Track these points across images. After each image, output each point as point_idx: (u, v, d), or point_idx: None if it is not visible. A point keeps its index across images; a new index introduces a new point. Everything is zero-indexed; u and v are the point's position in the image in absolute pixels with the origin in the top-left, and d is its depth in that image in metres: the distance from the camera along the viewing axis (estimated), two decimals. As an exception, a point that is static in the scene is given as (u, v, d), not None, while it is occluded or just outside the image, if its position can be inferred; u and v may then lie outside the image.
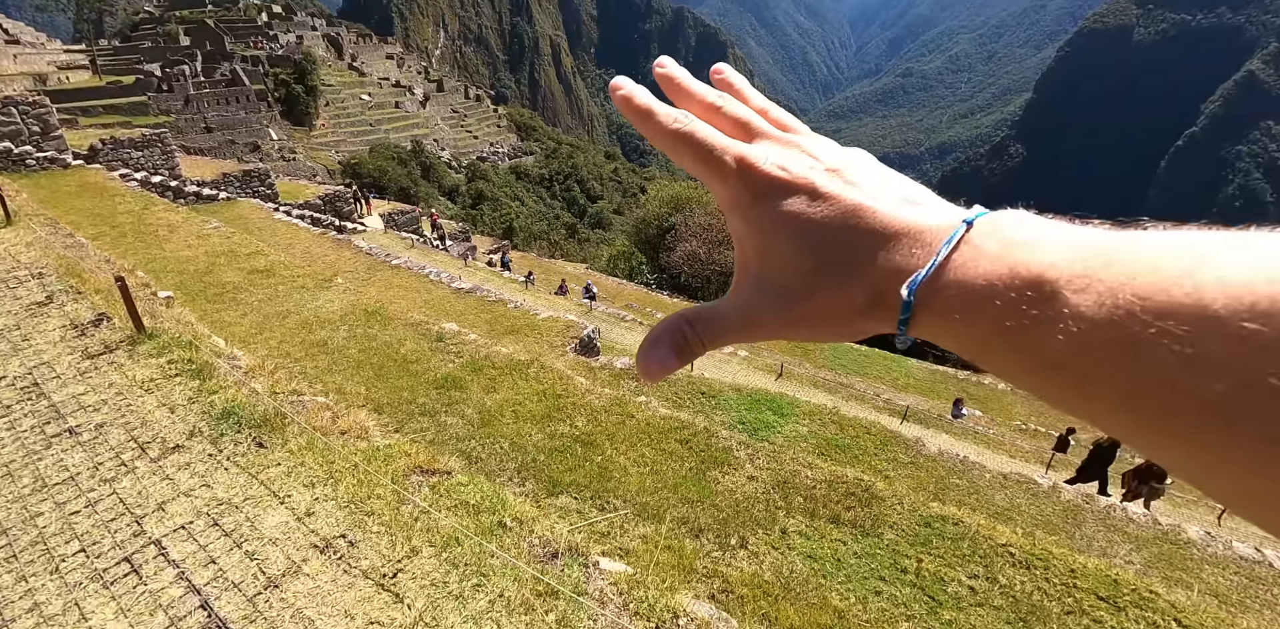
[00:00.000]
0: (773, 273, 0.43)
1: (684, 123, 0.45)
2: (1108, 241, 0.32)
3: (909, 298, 0.37)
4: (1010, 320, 0.33)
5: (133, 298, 3.87)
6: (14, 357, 3.88)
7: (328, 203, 26.15)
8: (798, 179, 0.42)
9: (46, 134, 18.17)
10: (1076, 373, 0.31)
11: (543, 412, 7.48)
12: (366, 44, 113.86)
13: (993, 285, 0.34)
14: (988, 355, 0.36)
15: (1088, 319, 0.30)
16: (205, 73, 69.85)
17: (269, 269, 11.63)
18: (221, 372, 3.65)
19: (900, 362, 27.80)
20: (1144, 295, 0.28)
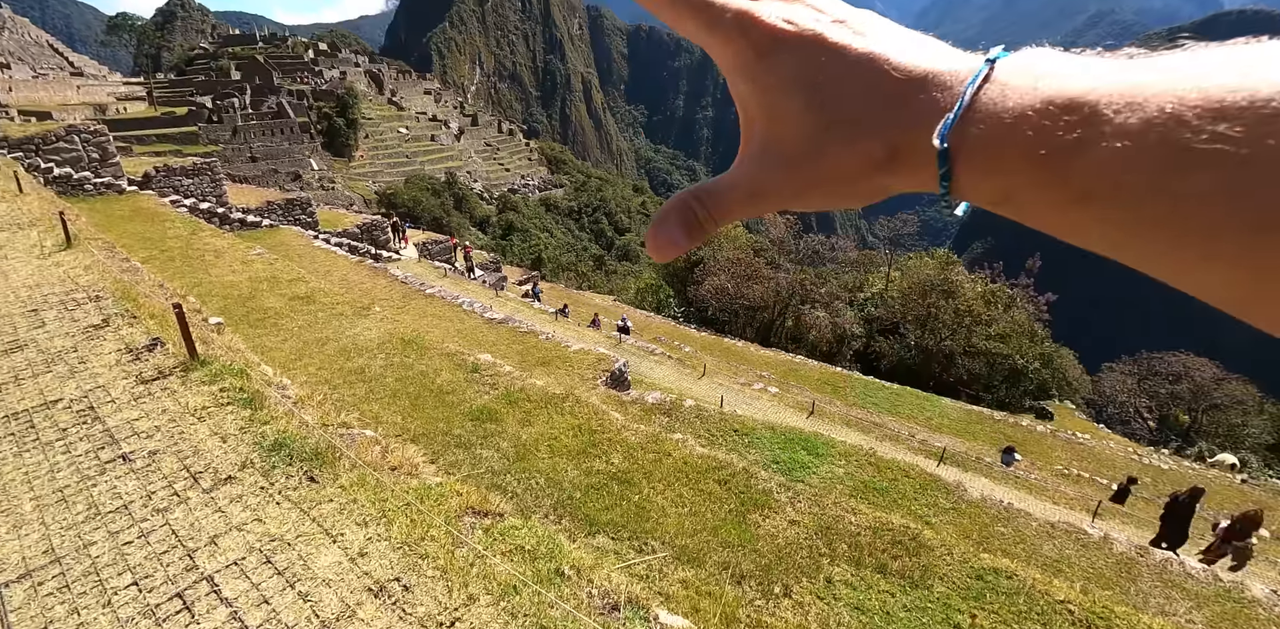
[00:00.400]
0: (780, 135, 0.41)
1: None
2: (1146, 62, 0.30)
3: (943, 146, 0.35)
4: (1045, 148, 0.31)
5: (189, 326, 3.89)
6: (71, 379, 3.91)
7: (365, 232, 26.79)
8: (804, 31, 0.40)
9: (105, 161, 19.02)
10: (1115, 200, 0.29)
11: (578, 447, 7.35)
12: (406, 80, 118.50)
13: (1024, 116, 0.32)
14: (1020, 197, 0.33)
15: (1132, 134, 0.28)
16: (253, 105, 73.11)
17: (309, 296, 11.84)
18: (272, 401, 3.62)
19: (933, 401, 27.14)
20: (1193, 103, 0.26)
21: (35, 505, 2.95)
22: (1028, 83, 0.33)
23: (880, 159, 0.38)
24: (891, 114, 0.38)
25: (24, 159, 16.47)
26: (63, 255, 6.83)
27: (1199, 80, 0.27)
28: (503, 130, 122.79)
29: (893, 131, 0.38)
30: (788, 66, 0.40)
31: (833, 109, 0.39)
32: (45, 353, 4.33)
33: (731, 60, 0.42)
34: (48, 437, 3.37)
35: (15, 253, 6.93)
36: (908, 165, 0.38)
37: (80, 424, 3.42)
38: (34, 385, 3.87)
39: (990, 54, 0.37)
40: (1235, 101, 0.25)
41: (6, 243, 7.38)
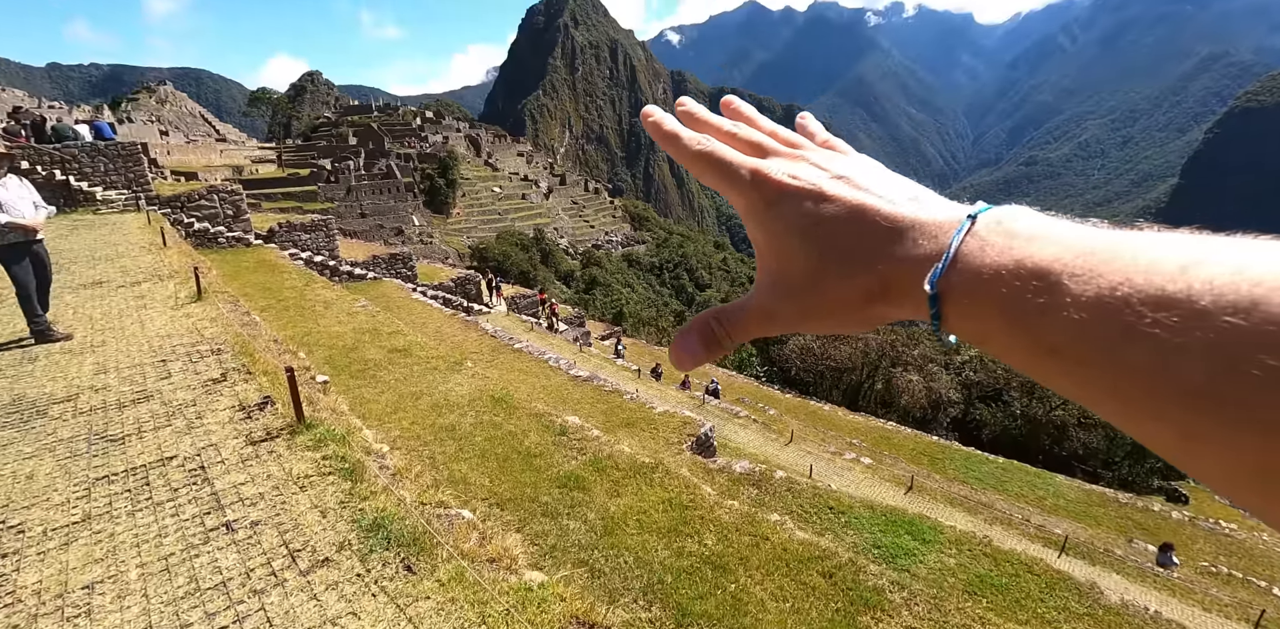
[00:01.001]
0: (786, 271, 0.47)
1: (705, 143, 0.51)
2: (1107, 239, 0.35)
3: (933, 292, 0.40)
4: (1016, 308, 0.36)
5: (298, 386, 3.86)
6: (187, 435, 3.93)
7: (458, 285, 28.02)
8: (805, 185, 0.47)
9: (237, 217, 20.98)
10: (1075, 358, 0.33)
11: (669, 524, 6.89)
12: (501, 143, 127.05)
13: (999, 275, 0.37)
14: (995, 342, 0.38)
15: (1088, 307, 0.32)
16: (366, 167, 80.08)
17: (407, 349, 12.21)
18: (371, 473, 3.47)
19: (1046, 478, 24.66)
20: (1140, 288, 0.31)
21: (140, 573, 2.86)
22: (1003, 242, 0.39)
23: (874, 293, 0.44)
24: (883, 256, 0.43)
25: (171, 215, 18.37)
26: (193, 307, 7.26)
27: (1149, 268, 0.32)
28: (589, 189, 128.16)
29: (885, 271, 0.43)
30: (792, 214, 0.47)
31: (830, 250, 0.45)
32: (168, 405, 4.43)
33: (745, 208, 0.49)
34: (160, 496, 3.33)
35: (153, 303, 7.44)
36: (900, 300, 0.43)
37: (190, 485, 3.37)
38: (154, 439, 3.92)
39: (971, 210, 0.42)
40: (1173, 293, 0.30)
41: (147, 293, 7.97)
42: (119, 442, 3.91)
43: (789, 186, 0.48)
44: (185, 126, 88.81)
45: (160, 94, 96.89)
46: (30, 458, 3.73)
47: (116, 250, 11.21)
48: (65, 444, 3.90)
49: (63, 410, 4.40)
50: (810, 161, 0.50)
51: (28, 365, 5.35)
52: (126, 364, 5.31)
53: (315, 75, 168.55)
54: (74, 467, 3.62)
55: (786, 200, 0.48)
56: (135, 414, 4.30)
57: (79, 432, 4.06)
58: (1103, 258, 0.34)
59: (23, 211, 5.82)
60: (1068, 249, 0.36)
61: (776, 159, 0.51)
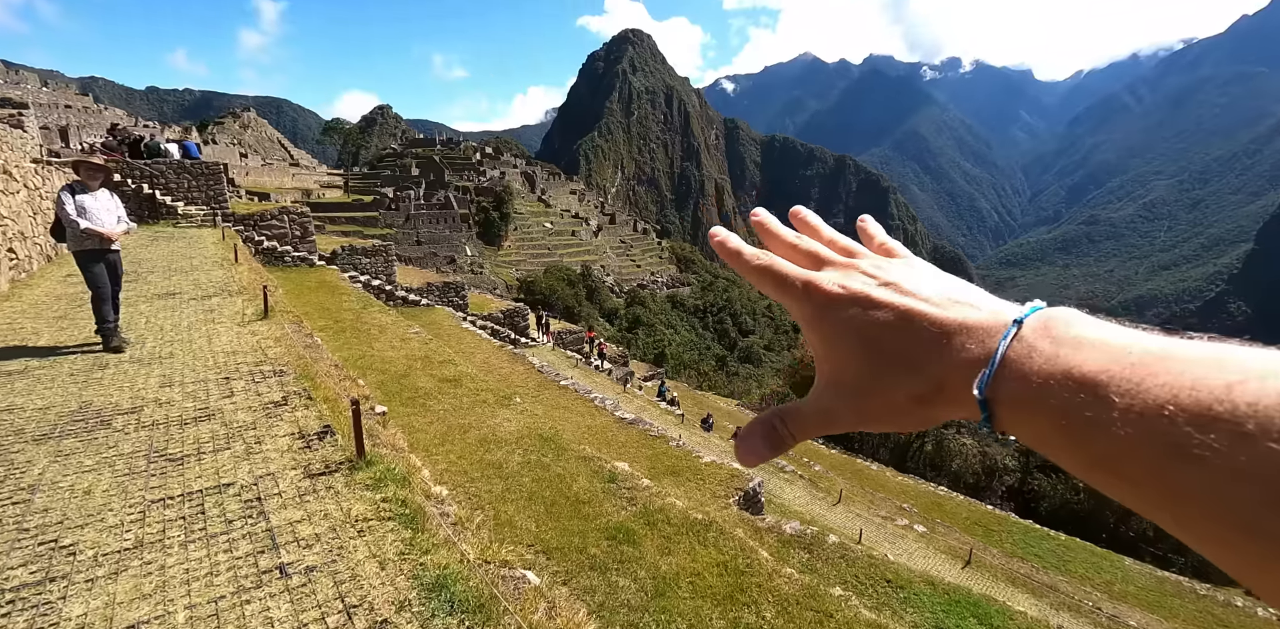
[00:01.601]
0: (841, 375, 0.49)
1: (764, 259, 0.55)
2: (1155, 348, 0.35)
3: (982, 397, 0.41)
4: (1065, 419, 0.36)
5: (361, 422, 3.64)
6: (245, 461, 3.73)
7: (507, 317, 28.23)
8: (855, 293, 0.50)
9: (304, 238, 21.71)
10: (1127, 476, 0.33)
11: (724, 590, 6.35)
12: (555, 181, 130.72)
13: (1048, 384, 0.38)
14: (1049, 448, 0.38)
15: (1135, 423, 0.32)
16: (426, 197, 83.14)
17: (457, 379, 12.09)
18: (433, 522, 3.18)
19: (1113, 560, 22.80)
20: (1186, 407, 0.31)
21: (188, 616, 2.60)
22: (1050, 349, 0.39)
23: (926, 397, 0.45)
24: (932, 360, 0.44)
25: (243, 232, 19.10)
26: (259, 325, 7.25)
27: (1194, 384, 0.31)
28: (637, 229, 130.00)
29: (935, 375, 0.44)
30: (843, 322, 0.49)
31: (880, 356, 0.47)
32: (228, 426, 4.27)
33: (800, 317, 0.52)
34: (214, 527, 3.10)
35: (222, 318, 7.48)
36: (953, 403, 0.44)
37: (246, 518, 3.13)
38: (212, 463, 3.73)
39: (1018, 313, 0.43)
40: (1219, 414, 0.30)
41: (217, 307, 8.05)
42: (178, 462, 3.73)
43: (838, 296, 0.50)
44: (263, 150, 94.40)
45: (244, 119, 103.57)
46: (90, 471, 3.58)
47: (191, 263, 11.55)
48: (125, 459, 3.74)
49: (126, 422, 4.29)
50: (861, 270, 0.52)
51: (98, 372, 5.33)
52: (191, 379, 5.23)
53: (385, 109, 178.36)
54: (131, 485, 3.44)
55: (837, 308, 0.50)
56: (196, 433, 4.15)
57: (140, 447, 3.92)
58: (1151, 370, 0.33)
59: (105, 222, 6.03)
60: (1115, 360, 0.35)
61: (830, 270, 0.54)
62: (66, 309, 7.64)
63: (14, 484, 3.42)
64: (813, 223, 0.63)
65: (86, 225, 5.83)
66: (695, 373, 65.50)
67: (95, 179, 6.03)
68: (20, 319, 7.16)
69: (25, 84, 49.97)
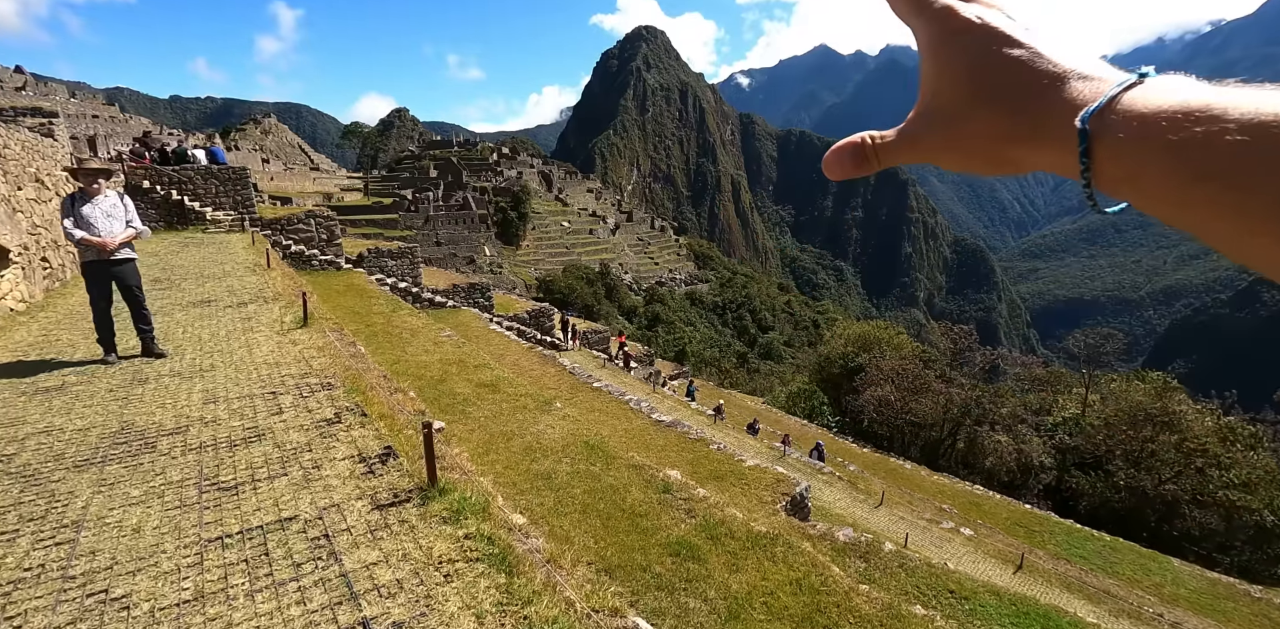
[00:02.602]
0: (943, 100, 0.50)
1: None
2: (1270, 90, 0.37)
3: (1083, 126, 0.41)
4: (1175, 136, 0.37)
5: (434, 448, 3.25)
6: (305, 489, 3.35)
7: (533, 318, 27.95)
8: (990, 25, 0.50)
9: (330, 241, 21.57)
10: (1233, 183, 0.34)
11: (801, 611, 5.91)
12: (572, 179, 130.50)
13: (1161, 110, 0.39)
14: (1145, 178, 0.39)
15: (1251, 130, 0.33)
16: (444, 198, 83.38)
17: (494, 384, 11.76)
18: (526, 563, 2.77)
19: (1161, 562, 21.99)
20: None
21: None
22: (1169, 89, 0.40)
23: (1020, 133, 0.46)
24: (1041, 97, 0.45)
25: (271, 236, 18.97)
26: (299, 333, 6.94)
27: None
28: (654, 226, 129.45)
29: (1037, 110, 0.45)
30: (968, 48, 0.49)
31: (991, 84, 0.48)
32: (281, 448, 3.91)
33: (927, 38, 0.52)
34: (282, 572, 2.72)
35: (260, 326, 7.17)
36: (1045, 142, 0.45)
37: (315, 560, 2.74)
38: (269, 492, 3.36)
39: (1142, 70, 0.44)
40: None
41: (254, 315, 7.75)
42: (232, 491, 3.37)
43: (974, 24, 0.50)
44: (285, 156, 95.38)
45: (265, 125, 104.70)
46: (137, 504, 3.23)
47: (223, 269, 11.33)
48: (174, 489, 3.39)
49: (171, 445, 3.95)
50: (1001, 11, 0.52)
51: (138, 388, 5.02)
52: (236, 394, 4.89)
53: (402, 112, 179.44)
54: (184, 521, 3.08)
55: (968, 36, 0.50)
56: (247, 457, 3.79)
57: (189, 474, 3.57)
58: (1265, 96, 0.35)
59: (107, 228, 5.64)
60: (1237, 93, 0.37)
61: (971, 3, 0.52)
62: (102, 318, 7.41)
63: (56, 520, 3.08)
64: None
65: (81, 235, 5.47)
66: (716, 370, 65.00)
67: (94, 184, 5.66)
68: (56, 330, 6.92)
69: (54, 95, 50.74)
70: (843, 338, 42.46)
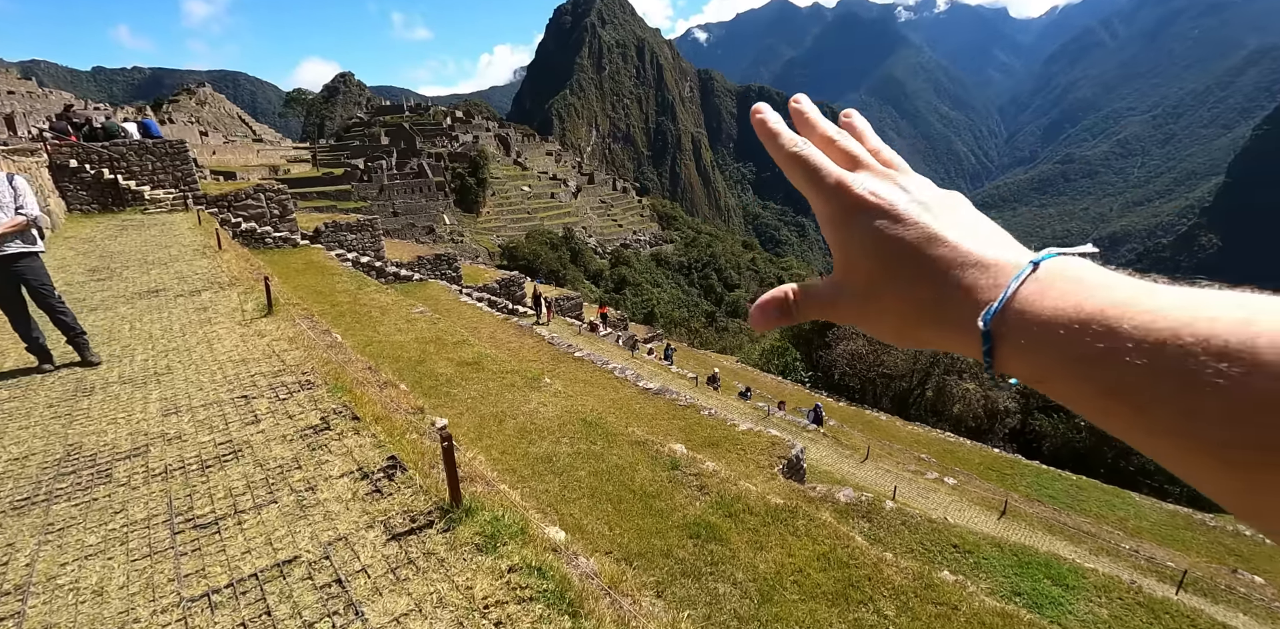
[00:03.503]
0: (853, 276, 0.51)
1: (800, 147, 0.54)
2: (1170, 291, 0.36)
3: (985, 328, 0.42)
4: (1074, 350, 0.37)
5: (455, 461, 2.74)
6: (301, 519, 2.82)
7: (503, 287, 27.12)
8: (883, 203, 0.50)
9: (283, 217, 20.24)
10: (1135, 402, 0.34)
11: (834, 587, 5.69)
12: (530, 142, 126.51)
13: (1058, 318, 0.38)
14: (1050, 384, 0.39)
15: (1149, 354, 0.33)
16: (398, 166, 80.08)
17: (477, 362, 11.16)
18: (590, 596, 2.31)
19: (1124, 498, 23.00)
20: (1203, 336, 0.32)
21: None
22: (1064, 287, 0.40)
23: (926, 319, 0.46)
24: (941, 286, 0.45)
25: (218, 215, 17.65)
26: (265, 323, 6.24)
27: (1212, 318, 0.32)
28: (616, 188, 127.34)
29: (940, 300, 0.45)
30: (866, 228, 0.49)
31: (893, 269, 0.48)
32: (264, 466, 3.35)
33: (825, 215, 0.53)
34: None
35: (219, 317, 6.44)
36: (952, 332, 0.45)
37: (330, 616, 2.25)
38: (258, 527, 2.81)
39: (1035, 256, 0.43)
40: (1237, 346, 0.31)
41: (210, 304, 6.99)
42: (212, 529, 2.82)
43: (868, 202, 0.50)
44: (224, 127, 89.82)
45: (200, 96, 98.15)
46: (96, 555, 2.66)
47: (170, 253, 10.32)
48: (140, 531, 2.82)
49: (130, 472, 3.35)
50: (895, 182, 0.52)
51: (83, 401, 4.33)
52: (200, 402, 4.26)
53: (347, 77, 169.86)
54: (157, 575, 2.52)
55: (863, 214, 0.50)
56: (225, 481, 3.22)
57: (156, 509, 2.99)
58: (1164, 305, 0.34)
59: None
60: (1130, 297, 0.36)
61: (865, 173, 0.53)
62: (33, 314, 6.54)
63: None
64: (859, 127, 0.59)
65: None
66: (686, 330, 65.25)
67: None
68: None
69: (-45, 66, 46.13)
70: (812, 294, 42.73)
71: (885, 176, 0.52)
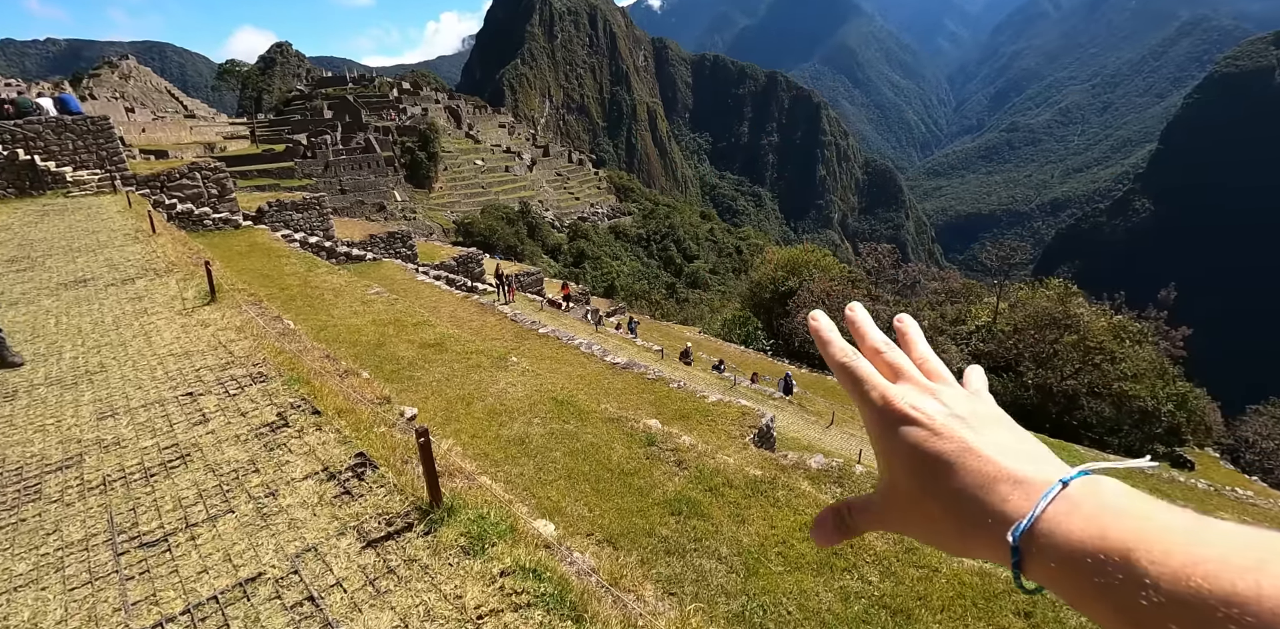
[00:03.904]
0: (895, 487, 0.54)
1: (850, 358, 0.57)
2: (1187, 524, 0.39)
3: (1014, 543, 0.44)
4: (1099, 578, 0.39)
5: (433, 457, 2.52)
6: (263, 529, 2.57)
7: (461, 264, 26.37)
8: (922, 417, 0.53)
9: (222, 196, 19.09)
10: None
11: (816, 556, 5.70)
12: (482, 114, 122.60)
13: (1084, 544, 0.41)
14: (1083, 603, 0.41)
15: (1165, 593, 0.35)
16: (344, 141, 76.70)
17: (440, 343, 10.78)
18: (591, 596, 2.15)
19: (1071, 450, 24.36)
20: (1213, 581, 0.34)
21: None
22: (1090, 510, 0.42)
23: (963, 531, 0.49)
24: (976, 500, 0.48)
25: (150, 196, 16.51)
26: (208, 311, 5.79)
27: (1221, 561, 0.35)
28: (572, 160, 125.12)
29: (975, 514, 0.48)
30: (907, 440, 0.52)
31: (932, 483, 0.50)
32: (216, 471, 3.06)
33: (870, 423, 0.55)
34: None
35: (156, 307, 5.96)
36: (986, 543, 0.47)
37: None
38: (214, 542, 2.55)
39: (1065, 474, 0.46)
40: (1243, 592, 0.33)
41: (146, 293, 6.46)
42: (160, 547, 2.54)
43: (909, 417, 0.53)
44: (152, 103, 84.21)
45: (123, 69, 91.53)
46: (28, 585, 2.36)
47: (98, 239, 9.54)
48: (78, 554, 2.52)
49: (63, 485, 3.01)
50: (936, 396, 0.55)
51: (4, 407, 3.91)
52: (140, 402, 3.89)
53: (285, 47, 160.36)
54: (101, 604, 2.25)
55: (904, 428, 0.52)
56: (173, 491, 2.92)
57: (95, 528, 2.68)
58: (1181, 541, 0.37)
59: None
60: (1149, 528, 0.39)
61: (908, 386, 0.56)
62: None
63: (-94, 622, 2.19)
64: (910, 335, 0.63)
65: None
66: (648, 303, 65.35)
67: None
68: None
69: None
70: (772, 263, 43.10)
71: (926, 390, 0.55)
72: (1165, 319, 37.37)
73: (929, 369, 0.59)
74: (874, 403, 0.54)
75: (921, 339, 0.63)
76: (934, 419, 0.52)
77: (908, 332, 0.64)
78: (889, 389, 0.54)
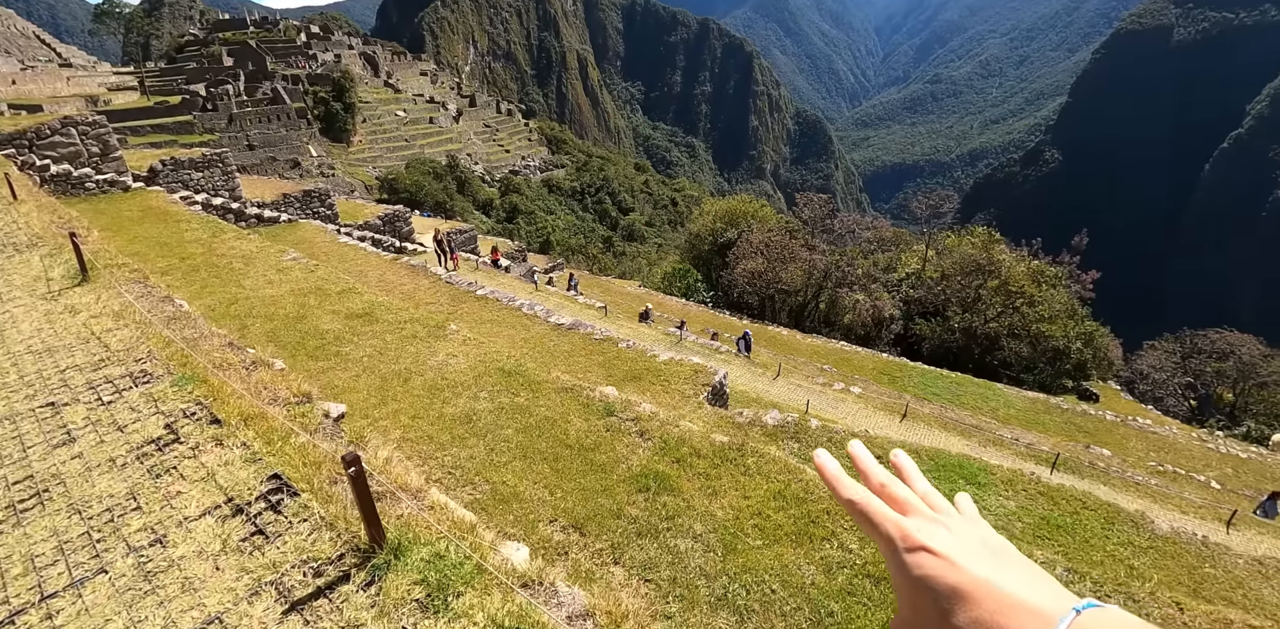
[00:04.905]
0: (915, 614, 0.56)
1: (862, 497, 0.61)
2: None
3: None
4: None
5: (369, 491, 1.95)
6: (147, 596, 1.99)
7: (387, 223, 24.68)
8: (939, 551, 0.56)
9: (106, 155, 16.86)
10: None
11: (794, 526, 5.47)
12: (401, 61, 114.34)
13: None
14: None
15: None
16: (248, 92, 70.16)
17: (368, 312, 9.85)
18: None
19: (994, 390, 25.60)
20: None
21: None
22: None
23: None
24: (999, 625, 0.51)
25: (16, 156, 14.31)
26: (78, 294, 4.84)
27: None
28: (500, 110, 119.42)
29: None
30: (925, 573, 0.56)
31: (951, 613, 0.53)
32: (83, 512, 2.39)
33: (887, 555, 0.59)
34: None
35: (14, 291, 4.94)
36: None
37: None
38: (78, 616, 1.94)
39: (1077, 603, 0.51)
40: None
41: (0, 274, 5.39)
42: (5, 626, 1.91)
43: (925, 549, 0.57)
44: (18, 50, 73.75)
45: (-24, 8, 79.43)
46: None
47: (-63, 204, 8.03)
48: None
49: None
50: (948, 528, 0.59)
51: None
52: (-15, 414, 3.08)
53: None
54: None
55: (922, 561, 0.56)
56: (22, 545, 2.24)
57: (-94, 604, 2.00)
58: None
59: None
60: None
61: (918, 519, 0.60)
62: None
63: None
64: (906, 470, 0.68)
65: None
66: (585, 257, 64.44)
67: None
68: None
69: None
70: (710, 214, 42.87)
71: (936, 522, 0.60)
72: (1077, 264, 39.42)
73: (933, 502, 0.63)
74: (886, 537, 0.58)
75: (919, 474, 0.68)
76: (950, 553, 0.55)
77: (903, 466, 0.68)
78: (904, 523, 0.58)
